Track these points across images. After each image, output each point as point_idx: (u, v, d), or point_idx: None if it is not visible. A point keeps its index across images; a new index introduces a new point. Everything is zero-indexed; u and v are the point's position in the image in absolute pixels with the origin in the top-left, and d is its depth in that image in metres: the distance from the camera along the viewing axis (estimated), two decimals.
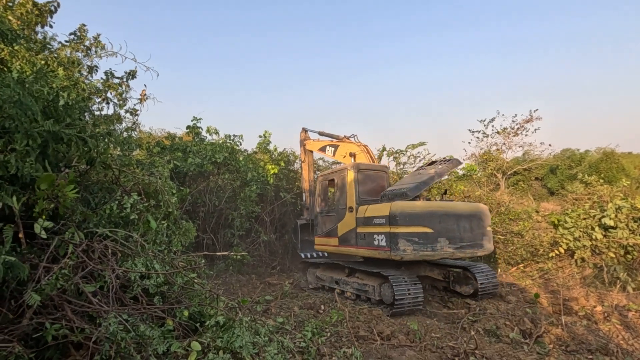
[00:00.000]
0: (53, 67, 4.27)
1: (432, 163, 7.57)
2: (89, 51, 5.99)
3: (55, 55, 5.25)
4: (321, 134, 9.44)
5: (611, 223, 7.66)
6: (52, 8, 5.82)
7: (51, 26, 5.84)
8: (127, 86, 6.21)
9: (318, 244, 8.27)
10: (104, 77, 5.99)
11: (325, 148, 9.02)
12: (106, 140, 3.90)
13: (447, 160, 7.32)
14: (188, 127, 10.54)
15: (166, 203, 4.40)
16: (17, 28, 4.60)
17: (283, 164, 11.25)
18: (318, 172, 11.31)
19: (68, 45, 5.78)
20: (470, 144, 24.15)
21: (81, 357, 2.45)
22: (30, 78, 3.04)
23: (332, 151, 8.76)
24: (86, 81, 5.41)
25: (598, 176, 10.00)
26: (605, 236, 7.74)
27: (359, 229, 6.75)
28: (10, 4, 5.17)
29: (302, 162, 9.89)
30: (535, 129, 18.40)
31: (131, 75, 6.19)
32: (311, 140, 9.70)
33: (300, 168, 10.63)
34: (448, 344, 4.47)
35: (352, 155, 8.06)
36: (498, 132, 18.96)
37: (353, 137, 8.69)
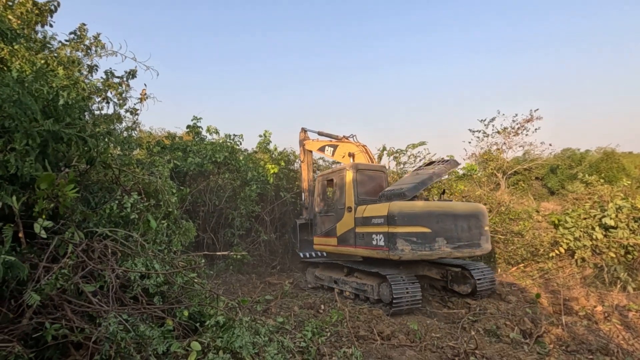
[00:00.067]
0: (53, 67, 4.26)
1: (431, 163, 7.57)
2: (89, 50, 5.99)
3: (55, 54, 5.24)
4: (320, 134, 9.44)
5: (612, 223, 7.65)
6: (52, 7, 5.81)
7: (51, 25, 5.83)
8: (127, 85, 6.21)
9: (317, 244, 8.28)
10: (104, 77, 5.99)
11: (324, 148, 9.02)
12: (106, 139, 3.90)
13: (446, 160, 7.33)
14: (188, 127, 10.54)
15: (166, 203, 4.39)
16: (17, 27, 4.59)
17: (283, 164, 11.24)
18: (318, 172, 11.31)
19: (68, 44, 5.78)
20: (470, 144, 24.11)
21: (81, 357, 2.44)
22: (29, 77, 3.03)
23: (331, 151, 8.76)
24: (86, 81, 5.40)
25: (598, 176, 9.98)
26: (605, 236, 7.73)
27: (358, 229, 6.76)
28: (10, 3, 5.16)
29: (301, 162, 9.90)
30: (535, 129, 18.35)
31: (131, 74, 6.19)
32: (310, 140, 9.70)
33: (299, 168, 10.63)
34: (448, 344, 4.46)
35: (351, 155, 8.06)
36: (498, 132, 18.92)
37: (352, 137, 8.69)
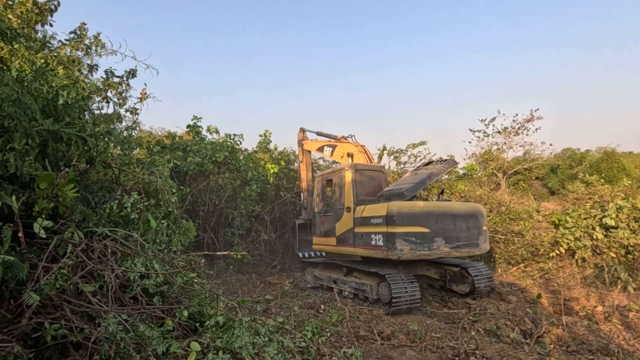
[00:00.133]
0: (53, 66, 4.25)
1: (429, 163, 7.57)
2: (89, 50, 5.98)
3: (55, 54, 5.23)
4: (319, 134, 9.43)
5: (612, 223, 7.64)
6: (52, 7, 5.81)
7: (51, 25, 5.82)
8: (127, 85, 6.20)
9: (316, 244, 8.29)
10: (104, 76, 5.98)
11: (323, 148, 9.00)
12: (106, 139, 3.89)
13: (444, 160, 7.35)
14: (188, 126, 10.53)
15: (166, 202, 4.39)
16: (17, 27, 4.58)
17: (283, 163, 11.23)
18: (318, 171, 11.30)
19: (68, 44, 5.77)
20: (471, 144, 24.07)
21: (80, 357, 2.44)
22: (29, 77, 3.03)
23: (330, 151, 8.74)
24: (86, 80, 5.39)
25: (599, 176, 9.97)
26: (606, 236, 7.72)
27: (357, 229, 6.76)
28: (10, 3, 5.15)
29: (300, 162, 9.89)
30: (536, 129, 18.32)
31: (131, 74, 6.19)
32: (309, 140, 9.69)
33: (298, 168, 10.62)
34: (448, 344, 4.46)
35: (350, 155, 8.05)
36: (499, 132, 18.89)
37: (351, 138, 8.67)
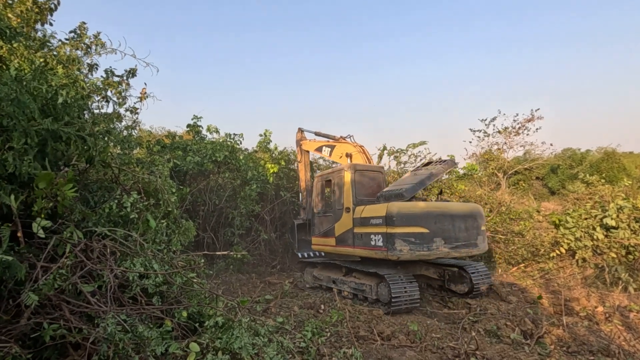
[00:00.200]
0: (52, 65, 4.24)
1: (428, 164, 7.57)
2: (89, 49, 5.97)
3: (54, 53, 5.22)
4: (317, 134, 9.40)
5: (613, 223, 7.63)
6: (52, 6, 5.79)
7: (51, 24, 5.81)
8: (127, 84, 6.19)
9: (315, 244, 8.29)
10: (104, 76, 5.97)
11: (321, 148, 8.99)
12: (105, 138, 3.88)
13: (443, 160, 7.35)
14: (188, 126, 10.52)
15: (166, 202, 4.38)
16: (17, 26, 4.56)
17: (283, 163, 11.22)
18: (318, 171, 11.28)
19: (68, 43, 5.76)
20: (471, 144, 24.01)
21: (79, 358, 2.43)
22: (28, 76, 3.01)
23: (329, 151, 8.72)
24: (86, 79, 5.38)
25: (599, 176, 9.95)
26: (606, 236, 7.71)
27: (356, 229, 6.76)
28: (10, 2, 5.14)
29: (299, 162, 9.87)
30: (537, 129, 18.31)
31: (131, 73, 6.17)
32: (307, 140, 9.67)
33: (297, 168, 10.61)
34: (448, 345, 4.45)
35: (349, 155, 8.03)
36: (499, 132, 18.88)
37: (349, 138, 8.64)
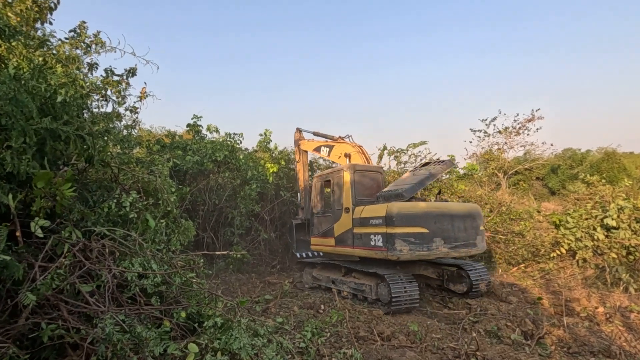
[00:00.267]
0: (51, 64, 4.23)
1: (427, 164, 7.56)
2: (89, 48, 5.95)
3: (53, 52, 5.20)
4: (315, 134, 9.36)
5: (613, 223, 7.61)
6: (52, 5, 5.78)
7: (51, 23, 5.79)
8: (127, 84, 6.18)
9: (314, 244, 8.27)
10: (104, 75, 5.95)
11: (319, 148, 8.95)
12: (105, 138, 3.87)
13: (442, 161, 7.34)
14: (188, 125, 10.50)
15: (165, 201, 4.36)
16: (16, 24, 4.55)
17: (283, 163, 11.20)
18: (318, 171, 11.26)
19: (67, 42, 5.74)
20: (471, 143, 23.98)
21: (78, 358, 2.41)
22: (26, 75, 3.00)
23: (327, 151, 8.69)
24: (85, 78, 5.36)
25: (599, 176, 9.94)
26: (607, 237, 7.69)
27: (356, 230, 6.74)
28: (9, 0, 5.12)
29: (297, 162, 9.82)
30: (537, 129, 18.30)
31: (131, 72, 6.16)
32: (305, 140, 9.63)
33: (295, 168, 10.58)
34: (449, 345, 4.43)
35: (347, 155, 8.01)
36: (500, 132, 18.87)
37: (348, 138, 8.60)
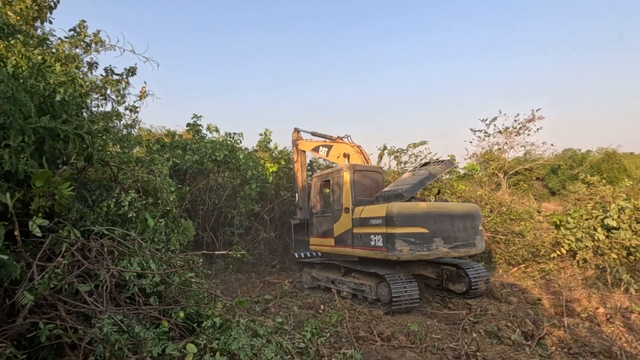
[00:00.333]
0: (50, 63, 4.21)
1: (427, 164, 7.55)
2: (89, 47, 5.94)
3: (53, 50, 5.19)
4: (314, 134, 9.31)
5: (614, 224, 7.59)
6: (52, 4, 5.78)
7: (50, 22, 5.79)
8: (127, 83, 6.17)
9: (313, 244, 8.24)
10: (104, 74, 5.95)
11: (318, 148, 8.91)
12: (104, 137, 3.85)
13: (442, 161, 7.33)
14: (188, 125, 10.48)
15: (165, 201, 4.35)
16: (15, 23, 4.54)
17: (283, 162, 11.18)
18: (319, 170, 11.24)
19: (67, 40, 5.74)
20: (472, 144, 23.94)
21: (76, 358, 2.40)
22: (25, 73, 2.98)
23: (326, 151, 8.66)
24: (85, 77, 5.35)
25: (600, 177, 9.92)
26: (607, 237, 7.67)
27: (355, 230, 6.73)
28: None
29: (295, 162, 9.78)
30: (537, 129, 18.29)
31: (131, 71, 6.15)
32: (304, 140, 9.59)
33: (293, 168, 10.55)
34: (449, 346, 4.42)
35: (346, 155, 7.99)
36: (500, 132, 18.86)
37: (346, 138, 8.56)
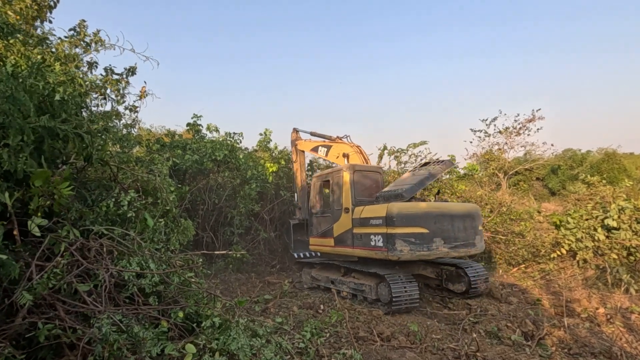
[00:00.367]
0: (50, 62, 4.21)
1: (427, 164, 7.54)
2: (89, 46, 5.94)
3: (52, 50, 5.19)
4: (313, 135, 9.28)
5: (614, 224, 7.59)
6: (51, 4, 5.77)
7: (50, 22, 5.79)
8: (127, 82, 6.16)
9: (313, 244, 8.22)
10: (104, 74, 5.94)
11: (317, 148, 8.88)
12: (103, 136, 3.85)
13: (442, 161, 7.32)
14: (188, 125, 10.47)
15: (164, 201, 4.34)
16: (15, 22, 4.53)
17: (283, 162, 11.17)
18: (318, 170, 11.22)
19: (67, 40, 5.73)
20: (472, 144, 23.90)
21: (75, 358, 2.39)
22: (24, 72, 2.97)
23: (325, 151, 8.63)
24: (84, 77, 5.34)
25: (600, 177, 9.91)
26: (607, 237, 7.67)
27: (355, 230, 6.72)
28: None
29: (294, 162, 9.76)
30: (537, 129, 18.26)
31: (131, 71, 6.14)
32: (303, 140, 9.57)
33: (292, 168, 10.54)
34: (449, 346, 4.41)
35: (345, 156, 7.97)
36: (500, 132, 18.84)
37: (346, 138, 8.53)
